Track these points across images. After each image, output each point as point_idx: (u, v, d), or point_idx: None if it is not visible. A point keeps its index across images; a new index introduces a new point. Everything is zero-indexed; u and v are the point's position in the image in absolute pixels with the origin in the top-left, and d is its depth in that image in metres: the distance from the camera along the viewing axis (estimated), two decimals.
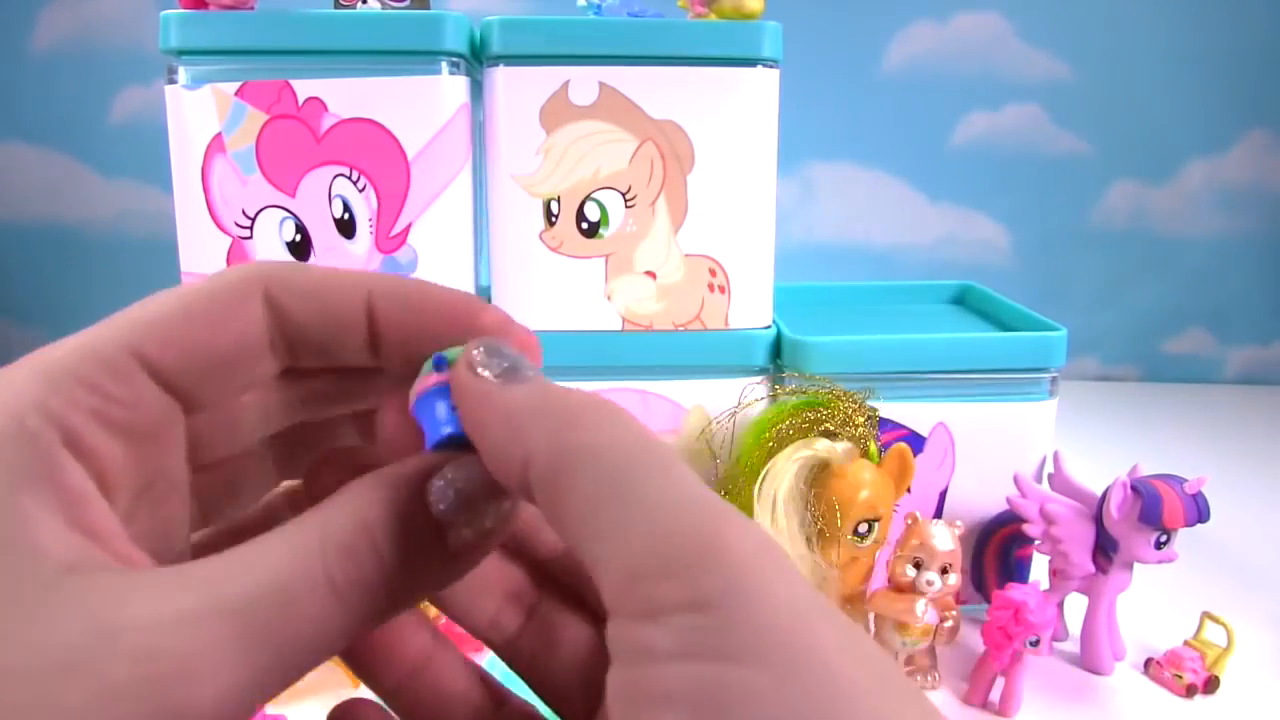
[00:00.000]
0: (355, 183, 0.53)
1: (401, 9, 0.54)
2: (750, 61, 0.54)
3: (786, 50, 0.54)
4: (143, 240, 1.03)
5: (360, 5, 0.54)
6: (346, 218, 0.54)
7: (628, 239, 0.55)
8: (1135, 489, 0.51)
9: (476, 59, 0.55)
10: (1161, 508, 0.49)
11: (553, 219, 0.55)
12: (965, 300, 0.73)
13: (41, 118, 1.02)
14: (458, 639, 0.21)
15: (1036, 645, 0.48)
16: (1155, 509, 0.49)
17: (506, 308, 0.19)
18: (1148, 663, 0.54)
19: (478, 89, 0.56)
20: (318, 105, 0.52)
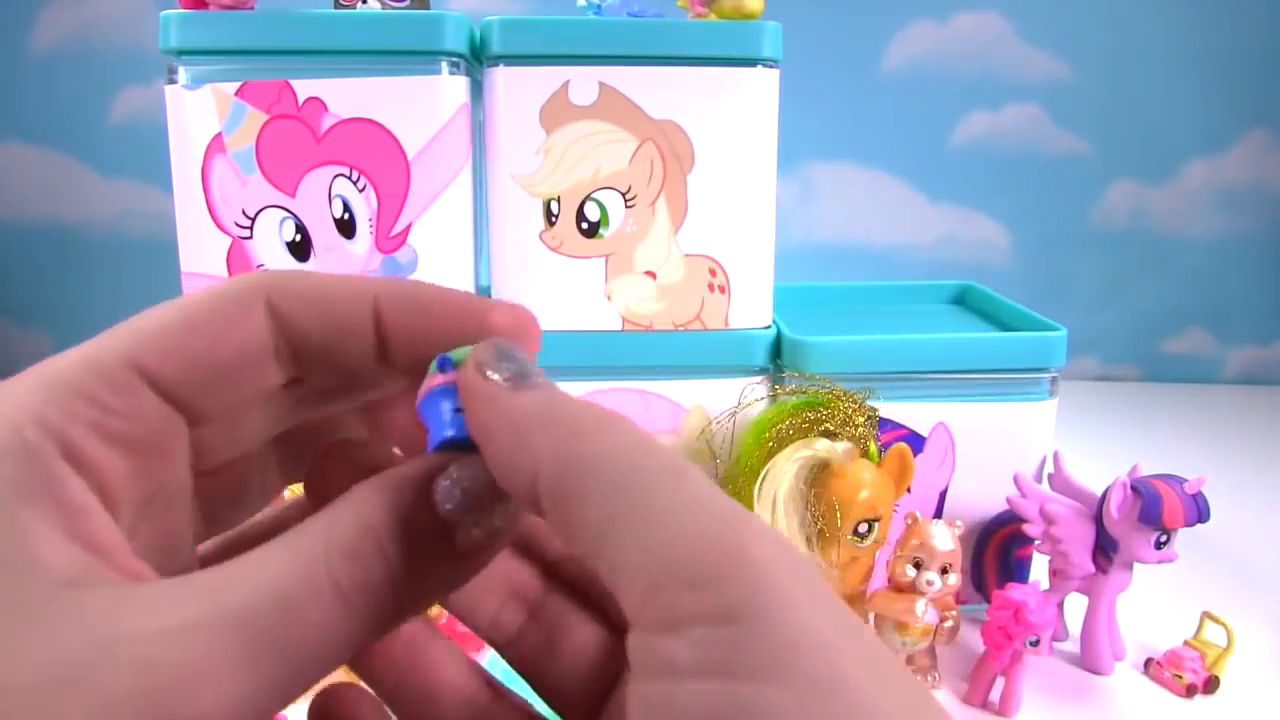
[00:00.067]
0: (355, 183, 0.53)
1: (401, 9, 0.54)
2: (750, 61, 0.54)
3: (786, 50, 0.54)
4: (143, 240, 1.03)
5: (360, 5, 0.54)
6: (346, 218, 0.54)
7: (628, 239, 0.55)
8: (1135, 489, 0.51)
9: (476, 59, 0.55)
10: (1161, 508, 0.49)
11: (553, 219, 0.55)
12: (965, 300, 0.73)
13: (41, 118, 1.02)
14: (460, 639, 0.21)
15: (1036, 645, 0.48)
16: (1155, 509, 0.49)
17: None
18: (1148, 663, 0.54)
19: (478, 89, 0.56)
20: (318, 105, 0.52)
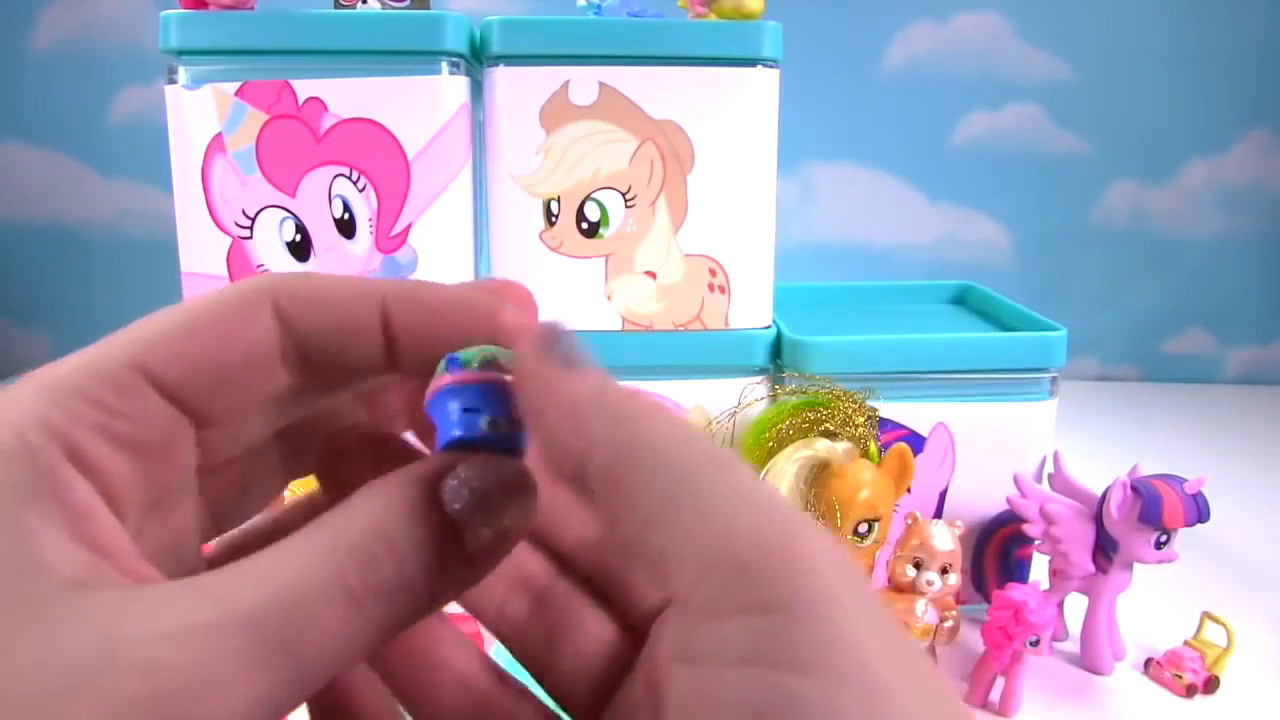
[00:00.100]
0: (355, 183, 0.53)
1: (401, 9, 0.54)
2: (750, 61, 0.54)
3: (786, 50, 0.54)
4: (143, 240, 1.03)
5: (360, 5, 0.54)
6: (346, 218, 0.54)
7: (628, 239, 0.55)
8: (1135, 489, 0.51)
9: (476, 59, 0.55)
10: (1161, 508, 0.49)
11: (553, 219, 0.55)
12: (965, 300, 0.73)
13: (41, 118, 1.02)
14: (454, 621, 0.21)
15: (1036, 645, 0.48)
16: (1155, 509, 0.49)
17: None
18: (1148, 663, 0.54)
19: (478, 89, 0.56)
20: (318, 105, 0.52)
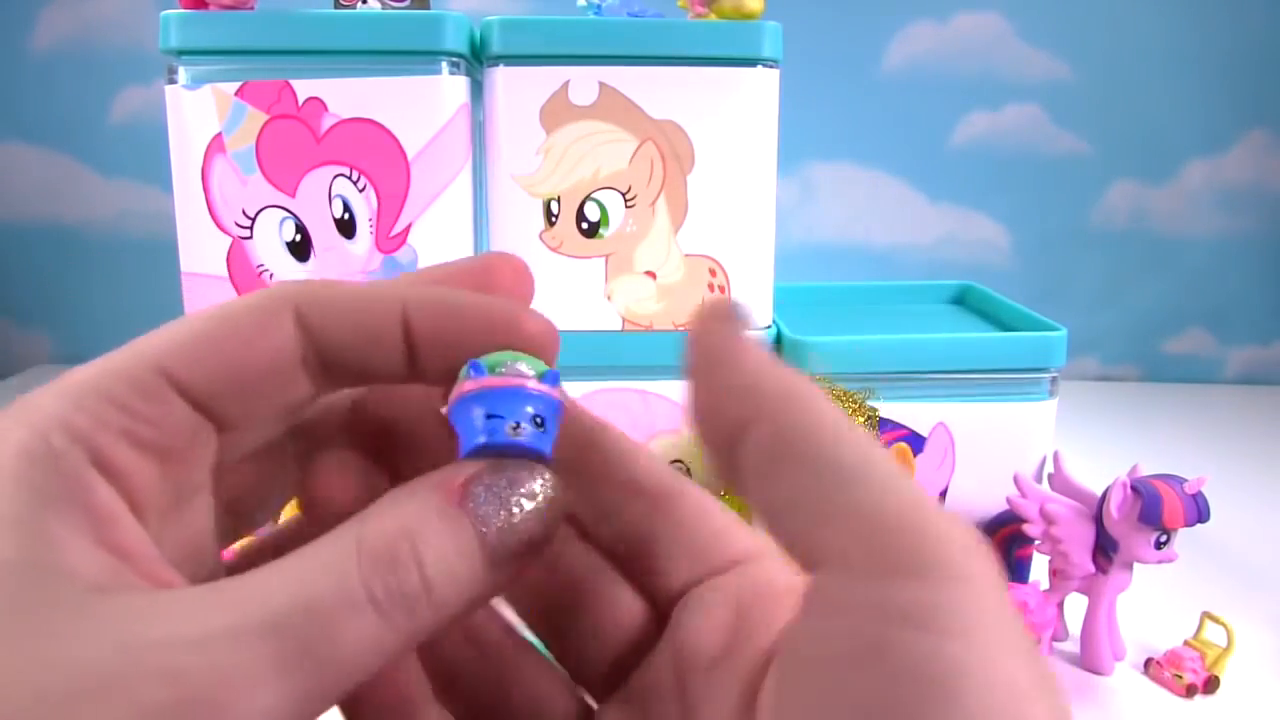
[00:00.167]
0: (355, 183, 0.53)
1: (401, 9, 0.54)
2: (750, 61, 0.54)
3: (786, 50, 0.54)
4: (143, 240, 1.03)
5: (360, 5, 0.54)
6: (346, 218, 0.54)
7: (628, 239, 0.55)
8: (1135, 489, 0.51)
9: (476, 59, 0.55)
10: (1161, 508, 0.49)
11: (553, 219, 0.55)
12: (965, 300, 0.73)
13: (41, 118, 1.02)
14: None
15: (1036, 645, 0.48)
16: (1155, 509, 0.49)
17: None
18: (1148, 663, 0.54)
19: (478, 89, 0.56)
20: (318, 105, 0.52)
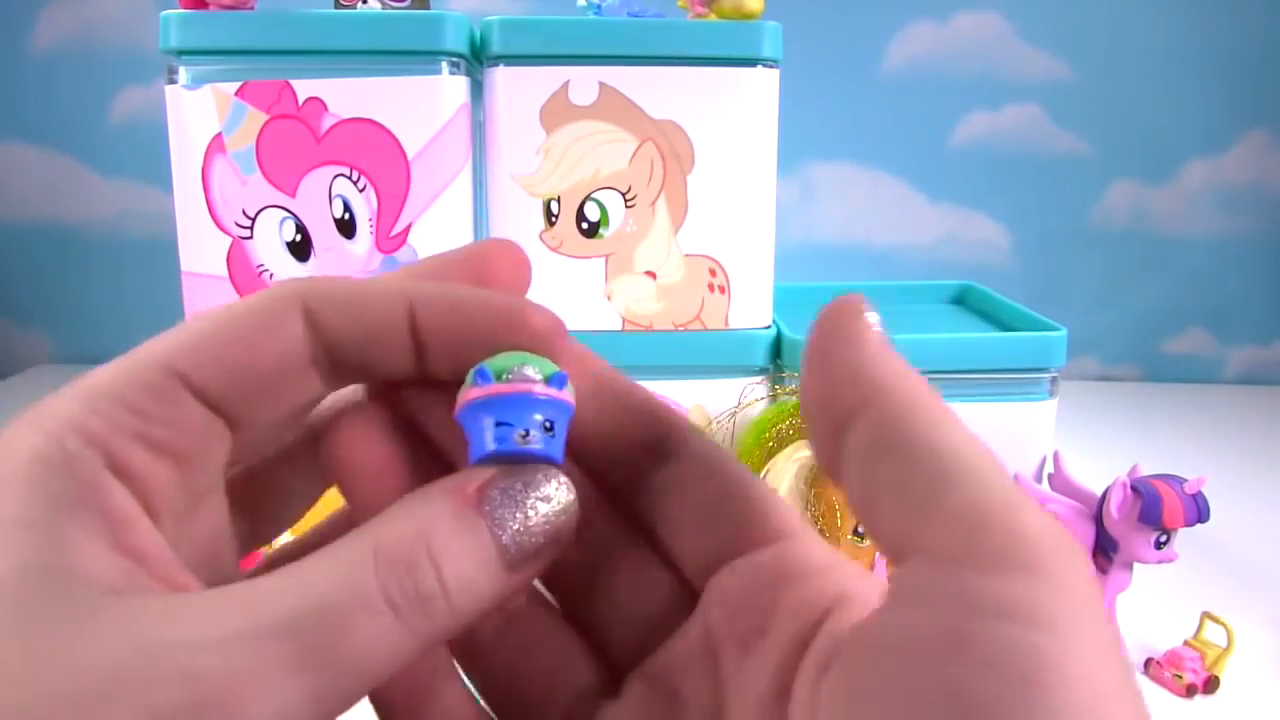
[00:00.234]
0: (355, 183, 0.53)
1: (401, 9, 0.54)
2: (750, 61, 0.54)
3: (786, 50, 0.54)
4: (143, 240, 1.03)
5: (360, 5, 0.54)
6: (346, 218, 0.54)
7: (628, 239, 0.55)
8: (1135, 489, 0.51)
9: (476, 59, 0.55)
10: (1161, 508, 0.49)
11: (553, 219, 0.55)
12: (965, 300, 0.73)
13: (41, 118, 1.01)
14: None
15: None
16: (1155, 509, 0.49)
17: None
18: (1148, 663, 0.54)
19: (478, 89, 0.56)
20: (318, 105, 0.52)
